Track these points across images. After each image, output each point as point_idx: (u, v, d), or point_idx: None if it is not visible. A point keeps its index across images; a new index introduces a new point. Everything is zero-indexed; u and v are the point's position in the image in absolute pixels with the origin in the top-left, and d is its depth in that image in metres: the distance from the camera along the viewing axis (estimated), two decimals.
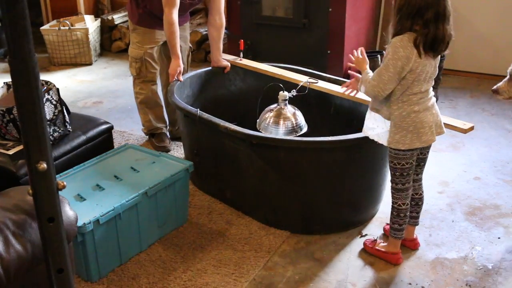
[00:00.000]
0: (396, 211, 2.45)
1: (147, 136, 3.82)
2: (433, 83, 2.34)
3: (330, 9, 4.08)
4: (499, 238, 2.70)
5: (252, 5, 4.36)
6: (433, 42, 2.15)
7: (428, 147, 2.42)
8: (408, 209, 2.47)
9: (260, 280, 2.41)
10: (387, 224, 2.66)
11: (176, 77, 3.28)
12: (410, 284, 2.38)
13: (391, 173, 2.43)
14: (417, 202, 2.56)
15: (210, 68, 3.61)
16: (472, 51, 4.98)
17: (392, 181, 2.43)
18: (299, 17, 4.18)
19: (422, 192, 2.57)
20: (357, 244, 2.66)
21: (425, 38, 2.14)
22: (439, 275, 2.43)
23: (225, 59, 3.62)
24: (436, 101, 4.66)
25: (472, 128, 2.58)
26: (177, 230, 2.76)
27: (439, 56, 2.29)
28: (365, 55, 2.52)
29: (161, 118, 3.73)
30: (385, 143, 2.35)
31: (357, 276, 2.44)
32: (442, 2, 2.13)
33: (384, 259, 2.54)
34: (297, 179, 2.61)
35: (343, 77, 3.81)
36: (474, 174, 3.34)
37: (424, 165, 2.50)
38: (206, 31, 5.41)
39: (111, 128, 3.24)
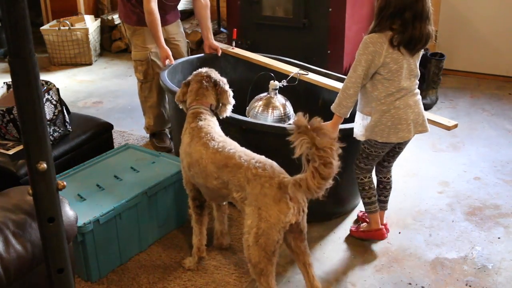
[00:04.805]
0: (360, 186, 2.59)
1: (148, 134, 3.82)
2: (417, 82, 2.42)
3: (330, 9, 4.08)
4: (499, 238, 2.70)
5: (252, 5, 4.36)
6: (409, 41, 2.26)
7: (405, 143, 2.50)
8: (371, 181, 2.59)
9: None
10: (361, 211, 2.82)
11: (167, 63, 3.30)
12: (410, 284, 2.38)
13: (359, 152, 2.54)
14: (385, 185, 2.66)
15: (202, 54, 3.65)
16: (472, 51, 4.97)
17: (356, 159, 2.56)
18: (299, 17, 4.17)
19: (391, 176, 2.67)
20: (358, 244, 2.66)
21: (402, 37, 2.24)
22: (439, 275, 2.43)
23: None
24: (436, 101, 4.69)
25: (456, 126, 2.64)
26: (177, 230, 2.76)
27: (420, 55, 2.39)
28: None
29: (166, 121, 3.73)
30: (358, 137, 2.47)
31: (357, 276, 2.44)
32: (420, 3, 2.22)
33: (370, 238, 2.67)
34: (284, 167, 2.61)
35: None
36: (474, 174, 3.34)
37: (397, 157, 2.60)
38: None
39: (111, 128, 3.24)
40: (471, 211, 2.94)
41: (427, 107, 4.32)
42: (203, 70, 2.45)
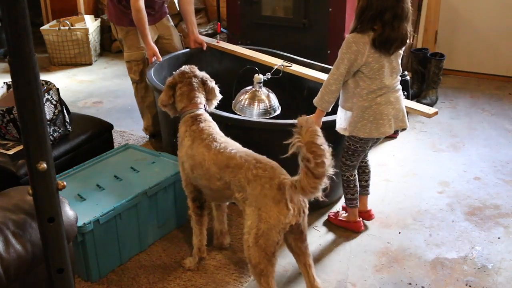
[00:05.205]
0: (346, 183, 2.68)
1: (148, 136, 3.82)
2: (399, 78, 2.50)
3: (330, 9, 4.08)
4: (499, 238, 2.70)
5: (252, 5, 4.35)
6: (385, 42, 2.31)
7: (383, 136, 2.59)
8: (356, 179, 2.68)
9: None
10: (331, 212, 2.90)
11: (155, 59, 3.34)
12: (410, 284, 2.38)
13: (344, 149, 2.61)
14: (364, 169, 2.75)
15: (188, 49, 3.70)
16: (472, 51, 4.98)
17: (342, 157, 2.63)
18: (299, 17, 4.17)
19: (368, 160, 2.76)
20: (358, 244, 2.67)
21: (380, 38, 2.30)
22: (439, 275, 2.43)
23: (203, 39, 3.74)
24: (436, 101, 4.69)
25: (436, 113, 2.74)
26: (177, 230, 2.76)
27: (401, 52, 2.46)
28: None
29: None
30: (341, 131, 2.56)
31: (357, 276, 2.44)
32: (400, 4, 2.27)
33: (347, 228, 2.77)
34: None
35: None
36: (474, 174, 3.34)
37: (374, 146, 2.71)
38: (206, 30, 5.43)
39: (111, 128, 3.24)
40: (471, 211, 2.94)
41: None
42: (186, 69, 2.42)
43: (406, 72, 4.01)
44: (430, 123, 4.08)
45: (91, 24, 5.77)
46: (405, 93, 3.71)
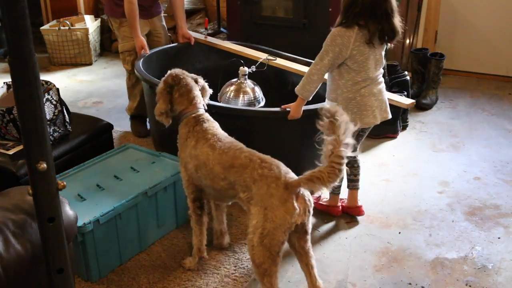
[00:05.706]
0: None
1: (129, 117, 3.92)
2: (382, 71, 2.56)
3: (330, 9, 4.08)
4: (499, 238, 2.70)
5: (252, 5, 4.36)
6: (388, 34, 2.40)
7: (369, 128, 2.66)
8: None
9: None
10: (313, 197, 2.95)
11: (143, 52, 3.43)
12: (410, 284, 2.38)
13: None
14: (353, 164, 2.78)
15: (176, 44, 3.77)
16: (472, 51, 4.97)
17: None
18: (299, 17, 4.17)
19: (357, 155, 2.80)
20: (358, 244, 2.67)
21: (372, 32, 2.37)
22: (439, 275, 2.43)
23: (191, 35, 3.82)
24: (436, 101, 4.68)
25: (413, 104, 2.98)
26: (177, 230, 2.76)
27: (385, 45, 2.53)
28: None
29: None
30: None
31: (357, 276, 2.44)
32: (383, 1, 2.35)
33: (326, 211, 2.88)
34: (251, 147, 2.62)
35: None
36: (474, 174, 3.34)
37: (362, 140, 2.74)
38: (206, 30, 5.42)
39: (111, 128, 3.24)
40: (471, 211, 2.94)
41: (427, 107, 4.32)
42: (178, 72, 2.39)
43: (406, 72, 4.01)
44: (430, 123, 4.08)
45: (91, 24, 5.77)
46: (405, 93, 3.72)
